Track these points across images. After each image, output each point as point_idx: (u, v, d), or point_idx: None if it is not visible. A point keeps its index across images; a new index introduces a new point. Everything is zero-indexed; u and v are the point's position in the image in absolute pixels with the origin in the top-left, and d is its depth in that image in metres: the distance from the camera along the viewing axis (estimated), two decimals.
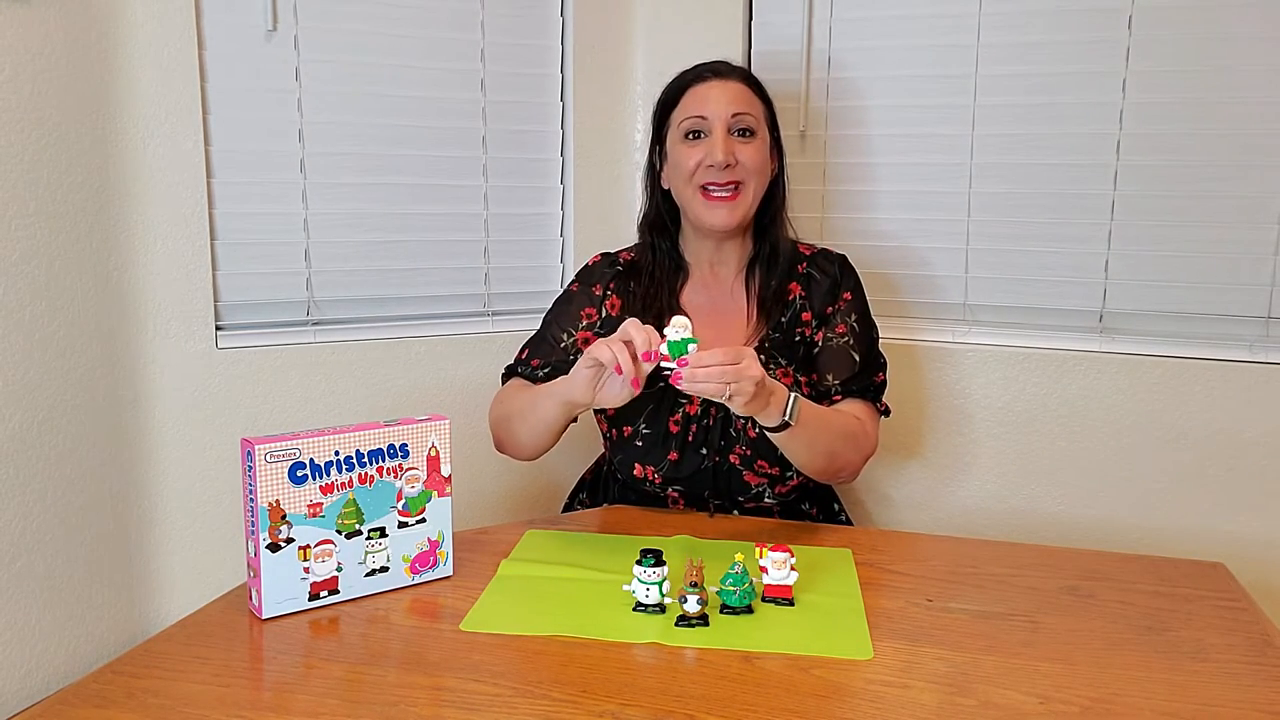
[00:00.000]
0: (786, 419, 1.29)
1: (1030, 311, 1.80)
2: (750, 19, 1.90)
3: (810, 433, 1.35)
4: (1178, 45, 1.65)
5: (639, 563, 1.13)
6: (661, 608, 1.13)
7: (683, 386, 1.20)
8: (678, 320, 1.23)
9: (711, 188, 1.46)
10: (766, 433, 1.33)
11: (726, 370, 1.19)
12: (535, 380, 1.51)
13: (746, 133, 1.46)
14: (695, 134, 1.47)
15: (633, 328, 1.23)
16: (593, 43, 1.88)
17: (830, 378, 1.48)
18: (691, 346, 1.20)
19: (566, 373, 1.45)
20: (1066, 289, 1.77)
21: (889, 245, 1.85)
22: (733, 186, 1.45)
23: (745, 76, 1.51)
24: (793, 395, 1.30)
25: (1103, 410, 1.74)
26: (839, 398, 1.47)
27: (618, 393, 1.26)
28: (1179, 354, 1.70)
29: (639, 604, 1.13)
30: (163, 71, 1.52)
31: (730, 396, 1.21)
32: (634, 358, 1.22)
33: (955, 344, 1.82)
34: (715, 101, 1.46)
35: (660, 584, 1.13)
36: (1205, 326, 1.71)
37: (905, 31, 1.80)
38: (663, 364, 1.21)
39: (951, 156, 1.80)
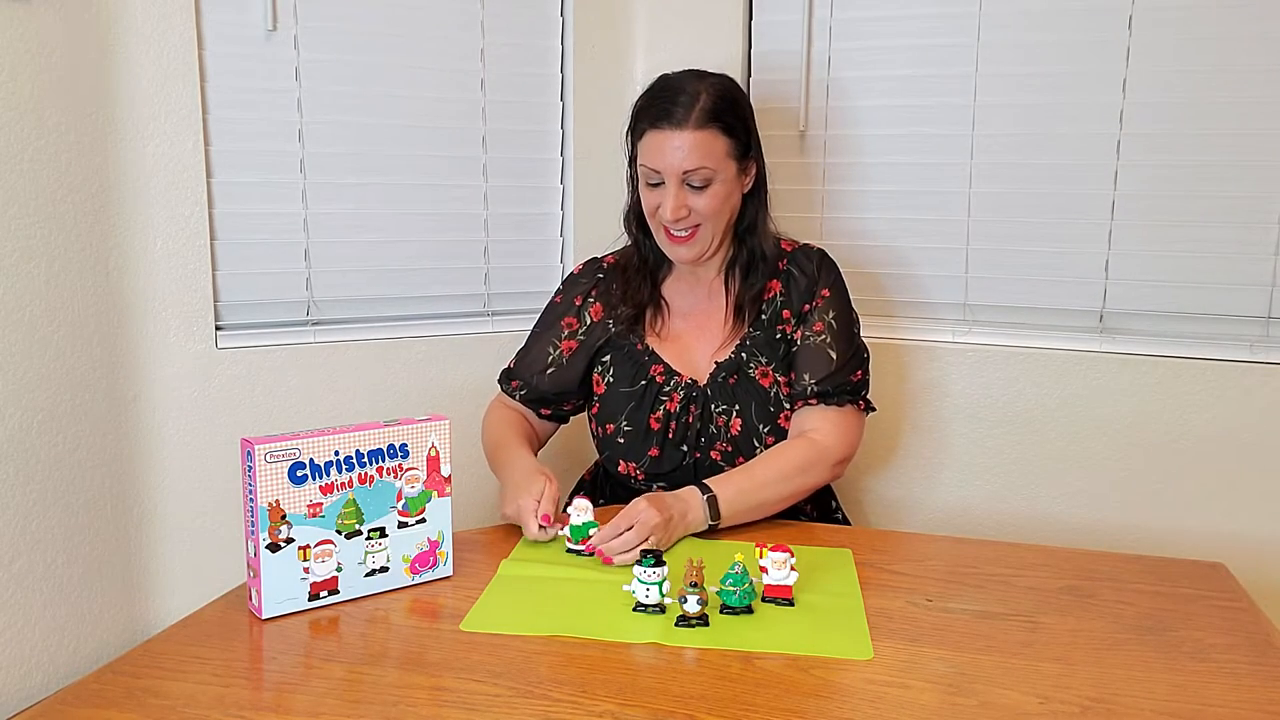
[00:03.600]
0: (712, 523, 1.36)
1: (1030, 311, 1.80)
2: (750, 19, 1.90)
3: (748, 507, 1.40)
4: (1178, 45, 1.65)
5: (639, 563, 1.14)
6: (661, 608, 1.13)
7: (616, 562, 1.26)
8: (579, 504, 1.30)
9: (670, 228, 1.46)
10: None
11: (631, 536, 1.26)
12: (515, 399, 1.59)
13: (703, 184, 1.42)
14: (653, 180, 1.45)
15: (527, 517, 1.33)
16: (593, 43, 1.88)
17: (807, 377, 1.46)
18: (592, 531, 1.29)
19: (542, 398, 1.58)
20: (1066, 289, 1.77)
21: (888, 245, 1.85)
22: (689, 229, 1.45)
23: (707, 114, 1.40)
24: (705, 499, 1.35)
25: (1103, 410, 1.74)
26: (814, 401, 1.45)
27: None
28: (1179, 354, 1.70)
29: (639, 604, 1.13)
30: (163, 71, 1.52)
31: (660, 542, 1.28)
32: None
33: (955, 344, 1.82)
34: (669, 157, 1.41)
35: (660, 584, 1.13)
36: (1205, 326, 1.70)
37: (905, 31, 1.80)
38: (568, 546, 1.30)
39: (951, 156, 1.80)
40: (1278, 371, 1.65)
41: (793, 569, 1.16)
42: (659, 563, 1.13)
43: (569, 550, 1.30)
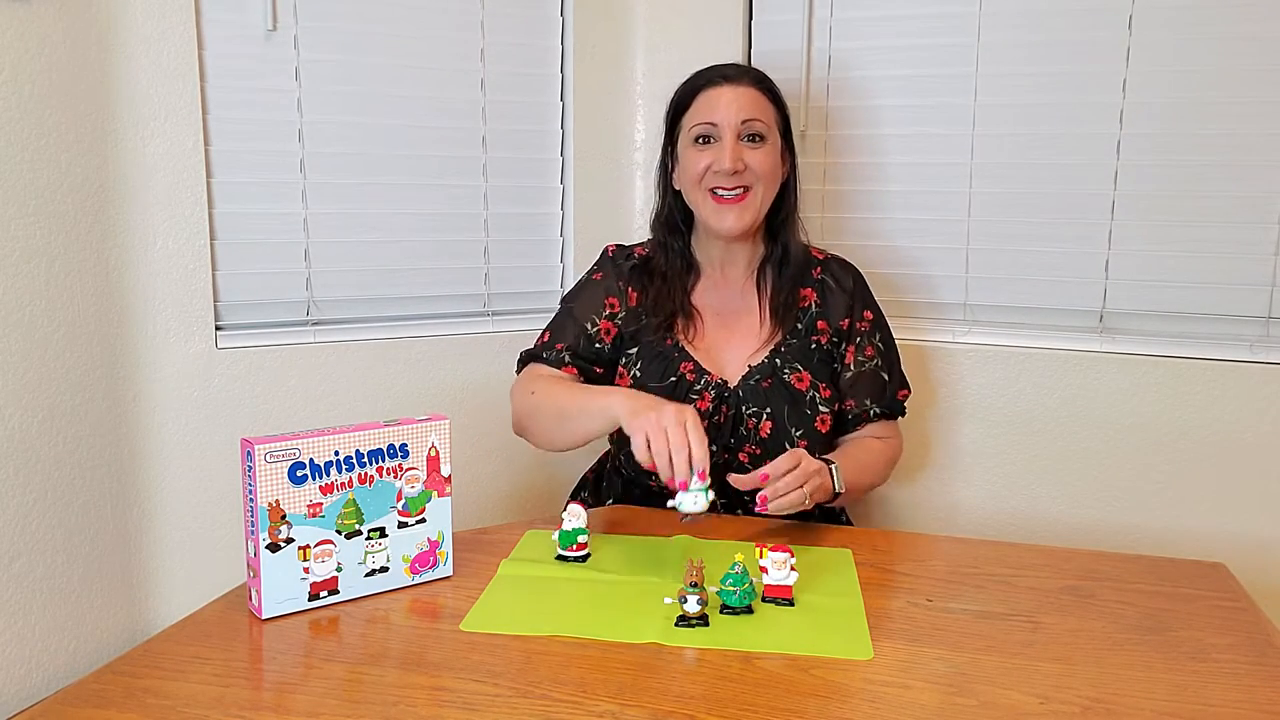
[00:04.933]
0: (838, 491, 1.39)
1: (1030, 311, 1.80)
2: (750, 19, 1.90)
3: (854, 485, 1.45)
4: (1178, 45, 1.65)
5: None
6: (698, 512, 1.19)
7: (770, 510, 1.28)
8: (573, 509, 1.28)
9: (720, 191, 1.46)
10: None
11: (795, 476, 1.28)
12: (559, 364, 1.51)
13: (756, 138, 1.46)
14: (705, 139, 1.47)
15: (682, 441, 1.20)
16: (593, 43, 1.88)
17: (868, 402, 1.54)
18: (581, 537, 1.28)
19: (591, 358, 1.51)
20: (1066, 289, 1.77)
21: (889, 245, 1.85)
22: (741, 190, 1.46)
23: (758, 80, 1.50)
24: (833, 468, 1.39)
25: (1103, 410, 1.74)
26: (876, 421, 1.55)
27: None
28: (1179, 354, 1.70)
29: (685, 514, 1.19)
30: (163, 71, 1.52)
31: (810, 498, 1.30)
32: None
33: (955, 344, 1.82)
34: (725, 107, 1.45)
35: (705, 490, 1.20)
36: (1205, 326, 1.70)
37: (905, 31, 1.80)
38: (559, 553, 1.28)
39: (951, 156, 1.80)
40: (1278, 371, 1.65)
41: (793, 569, 1.16)
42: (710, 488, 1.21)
43: (559, 558, 1.28)
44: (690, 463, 1.19)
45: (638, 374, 1.51)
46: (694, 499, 1.20)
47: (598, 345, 1.52)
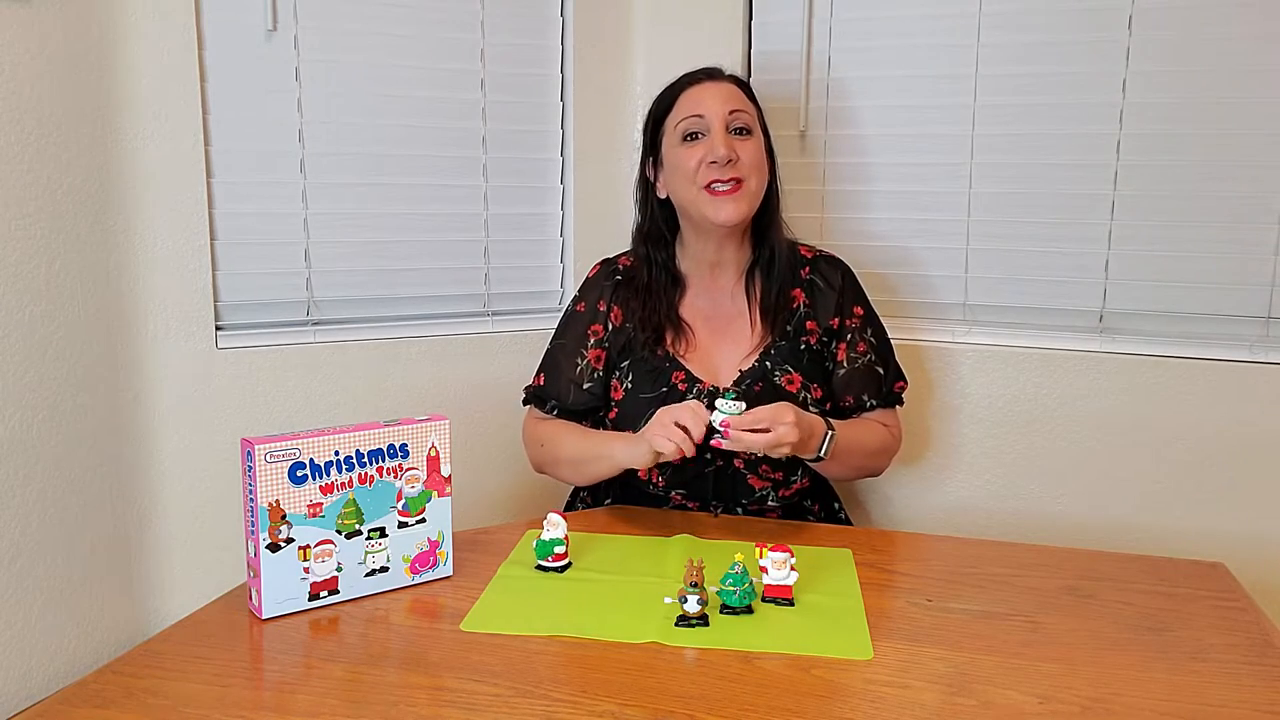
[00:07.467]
0: (820, 455, 1.40)
1: (1030, 311, 1.80)
2: (750, 19, 1.90)
3: (843, 458, 1.45)
4: (1178, 45, 1.65)
5: (723, 395, 1.31)
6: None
7: (729, 439, 1.31)
8: (552, 518, 1.28)
9: (716, 184, 1.46)
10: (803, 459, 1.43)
11: (758, 441, 1.30)
12: (555, 414, 1.56)
13: (744, 131, 1.48)
14: (693, 135, 1.48)
15: (688, 418, 1.31)
16: (593, 43, 1.88)
17: (865, 397, 1.54)
18: (558, 547, 1.26)
19: (581, 409, 1.54)
20: (1066, 289, 1.77)
21: (889, 245, 1.85)
22: (735, 181, 1.46)
23: (736, 80, 1.54)
24: (830, 434, 1.39)
25: (1103, 410, 1.74)
26: (875, 411, 1.56)
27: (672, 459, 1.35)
28: (1179, 354, 1.70)
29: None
30: (163, 71, 1.52)
31: (770, 448, 1.32)
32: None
33: (955, 344, 1.82)
34: (711, 100, 1.48)
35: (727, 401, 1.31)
36: (1205, 326, 1.70)
37: (905, 31, 1.80)
38: (538, 564, 1.27)
39: (951, 156, 1.80)
40: (1278, 371, 1.65)
41: (793, 569, 1.16)
42: (740, 398, 1.31)
43: (538, 568, 1.26)
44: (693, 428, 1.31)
45: (629, 385, 1.52)
46: (726, 408, 1.31)
47: (587, 385, 1.54)
